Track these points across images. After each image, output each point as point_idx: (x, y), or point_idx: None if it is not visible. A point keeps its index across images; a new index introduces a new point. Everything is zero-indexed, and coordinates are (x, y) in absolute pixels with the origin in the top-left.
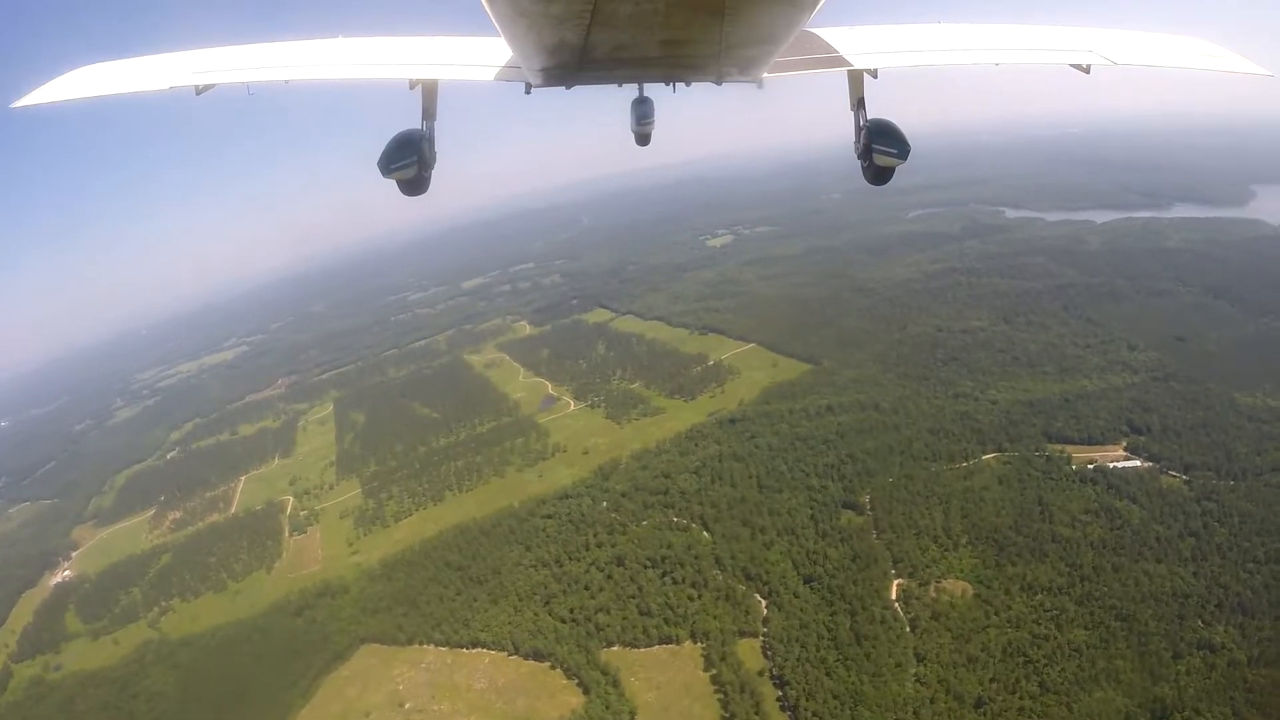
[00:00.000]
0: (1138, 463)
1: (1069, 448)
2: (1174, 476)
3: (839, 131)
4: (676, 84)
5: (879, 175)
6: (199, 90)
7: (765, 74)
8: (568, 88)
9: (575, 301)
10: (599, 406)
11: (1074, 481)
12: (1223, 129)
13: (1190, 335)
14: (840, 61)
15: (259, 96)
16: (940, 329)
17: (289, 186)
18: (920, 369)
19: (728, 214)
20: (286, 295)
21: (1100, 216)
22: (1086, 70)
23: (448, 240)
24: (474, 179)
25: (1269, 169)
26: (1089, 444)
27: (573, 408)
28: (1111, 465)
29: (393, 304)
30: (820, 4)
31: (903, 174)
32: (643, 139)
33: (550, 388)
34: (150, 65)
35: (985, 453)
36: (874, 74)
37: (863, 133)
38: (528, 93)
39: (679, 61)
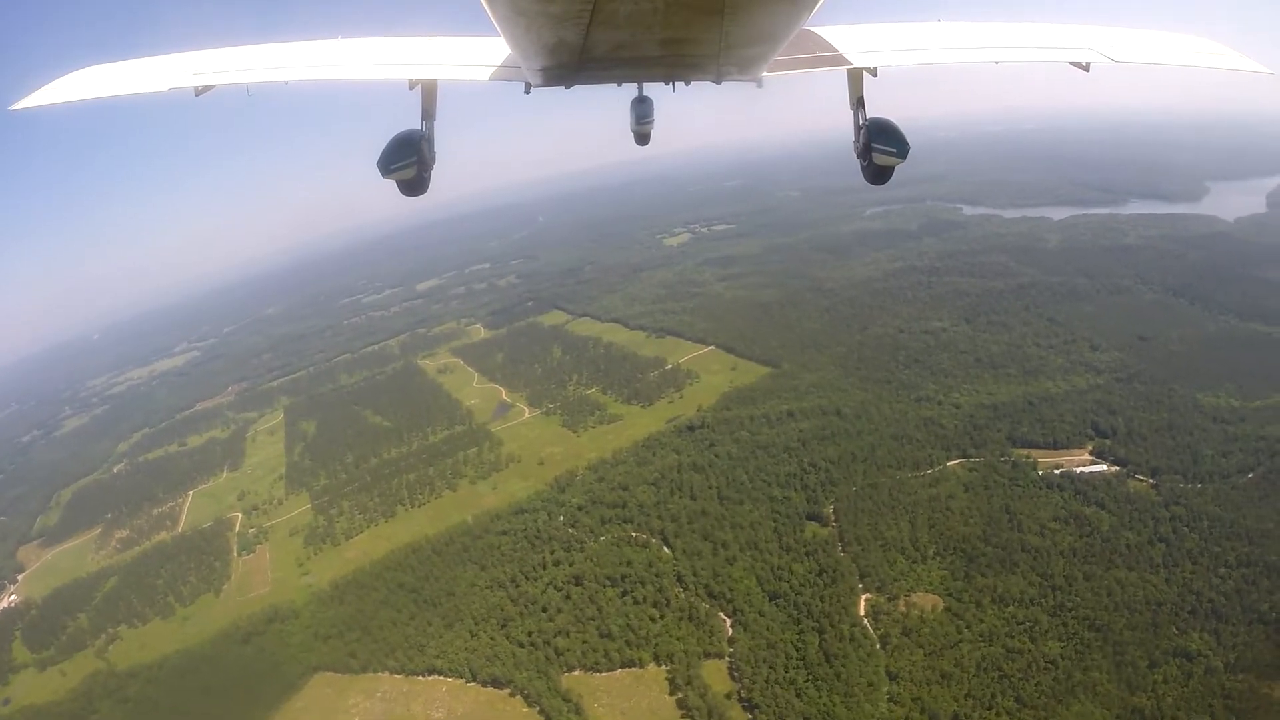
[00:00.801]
0: (1104, 467)
1: (1034, 452)
2: (1141, 480)
3: (802, 129)
4: (676, 83)
5: (879, 174)
6: (199, 91)
7: (765, 73)
8: (567, 87)
9: (531, 304)
10: (554, 414)
11: (1041, 488)
12: (1177, 125)
13: (1152, 334)
14: (840, 60)
15: (259, 97)
16: (901, 330)
17: (287, 187)
18: (882, 372)
19: (685, 212)
20: (240, 298)
21: (1057, 213)
22: (1086, 68)
23: (403, 241)
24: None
25: (1223, 165)
26: (1054, 448)
27: (527, 415)
28: (1078, 470)
29: (347, 306)
30: (820, 3)
31: (856, 176)
32: (642, 138)
33: (504, 394)
34: (150, 66)
35: (950, 459)
36: (873, 73)
37: (862, 132)
38: (527, 93)
39: (679, 61)
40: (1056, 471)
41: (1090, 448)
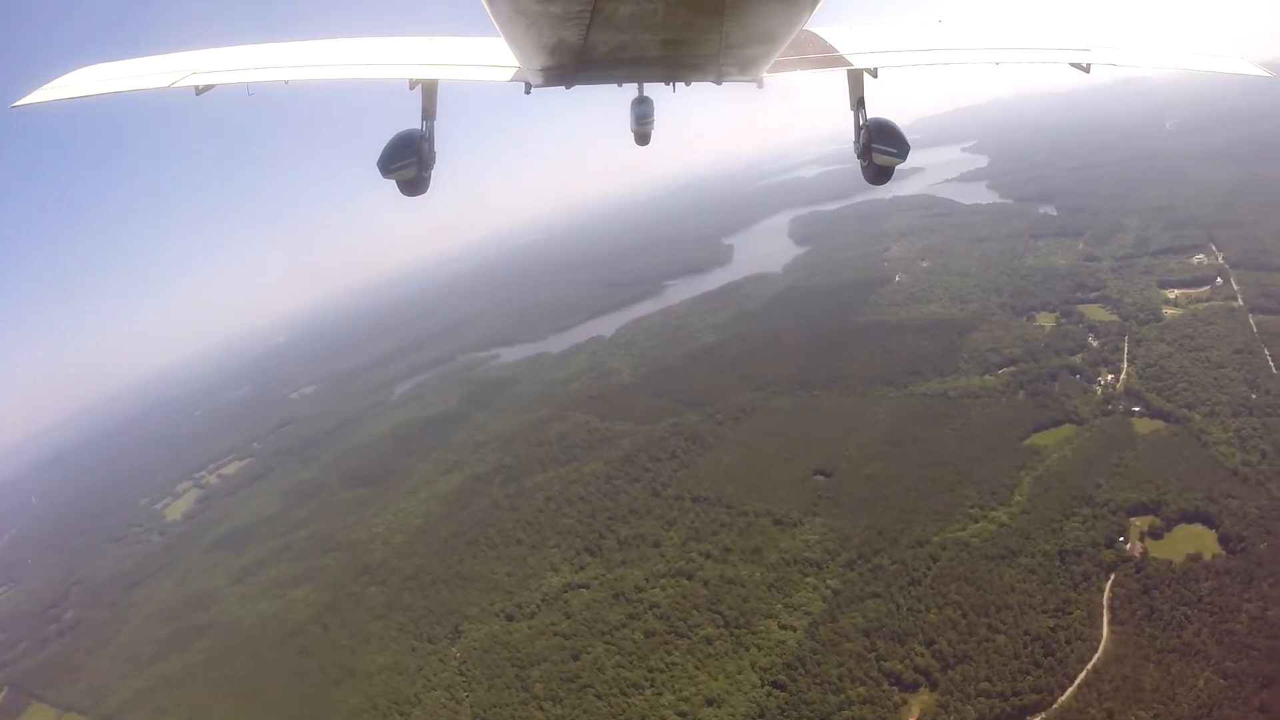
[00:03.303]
0: None
1: None
2: None
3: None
4: (676, 84)
5: (879, 175)
6: (199, 91)
7: (765, 73)
8: (567, 88)
9: (5, 690)
10: None
11: None
12: (664, 196)
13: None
14: (840, 61)
15: (259, 97)
16: (511, 614)
17: (287, 190)
18: None
19: (191, 453)
20: None
21: (604, 327)
22: (1086, 69)
23: None
24: None
25: (728, 221)
26: None
27: None
28: None
29: None
30: (820, 3)
31: (373, 343)
32: (642, 139)
33: None
34: (150, 65)
35: None
36: (874, 73)
37: (862, 132)
38: (527, 93)
39: (679, 61)
40: None
41: None
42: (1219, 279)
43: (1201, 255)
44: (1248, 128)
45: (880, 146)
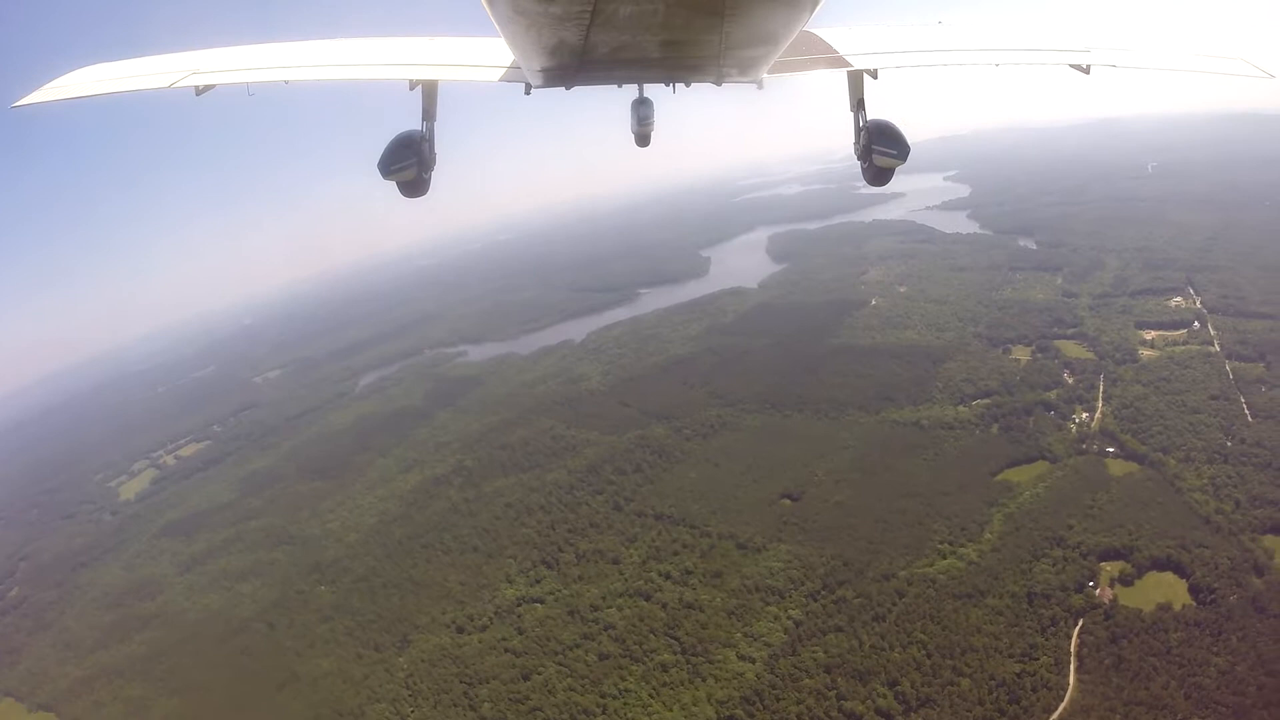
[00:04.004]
0: None
1: None
2: None
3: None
4: (676, 85)
5: (879, 176)
6: (199, 91)
7: (765, 74)
8: (567, 88)
9: None
10: None
11: None
12: (638, 204)
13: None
14: (840, 62)
15: (259, 98)
16: (461, 624)
17: (275, 179)
18: None
19: (149, 431)
20: None
21: (574, 331)
22: (1086, 71)
23: None
24: None
25: (706, 233)
26: None
27: None
28: None
29: None
30: (820, 4)
31: (343, 330)
32: (643, 139)
33: None
34: (150, 65)
35: None
36: (874, 74)
37: (862, 133)
38: (528, 93)
39: (679, 62)
40: None
41: None
42: (1196, 323)
43: (1179, 298)
44: (1228, 173)
45: (881, 148)
